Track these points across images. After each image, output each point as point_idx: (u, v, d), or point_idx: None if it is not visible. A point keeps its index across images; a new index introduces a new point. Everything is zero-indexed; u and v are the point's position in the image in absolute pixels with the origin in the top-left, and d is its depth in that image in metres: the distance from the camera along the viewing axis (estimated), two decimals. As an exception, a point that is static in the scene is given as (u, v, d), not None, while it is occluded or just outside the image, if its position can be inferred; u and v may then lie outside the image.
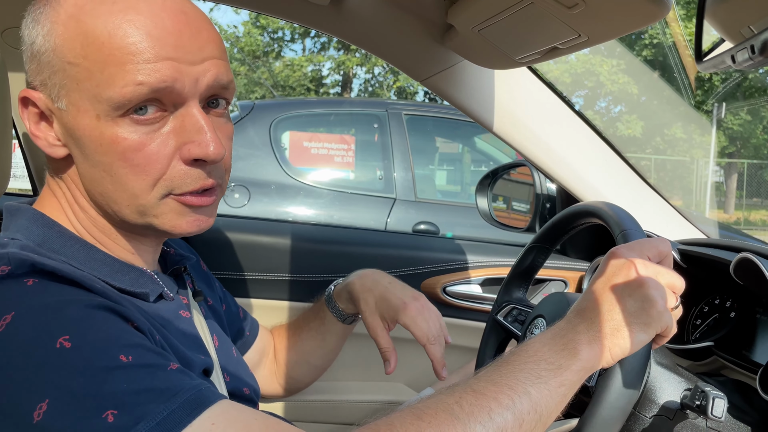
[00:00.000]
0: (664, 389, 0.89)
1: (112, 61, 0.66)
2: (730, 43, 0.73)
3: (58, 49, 0.68)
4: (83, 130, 0.68)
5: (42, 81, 0.70)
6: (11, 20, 1.25)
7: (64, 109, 0.69)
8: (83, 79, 0.67)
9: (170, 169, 0.70)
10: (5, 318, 0.59)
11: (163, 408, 0.58)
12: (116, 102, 0.66)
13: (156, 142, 0.69)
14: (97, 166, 0.70)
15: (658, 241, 0.78)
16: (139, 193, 0.70)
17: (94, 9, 0.67)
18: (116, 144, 0.68)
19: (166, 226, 0.73)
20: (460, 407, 0.63)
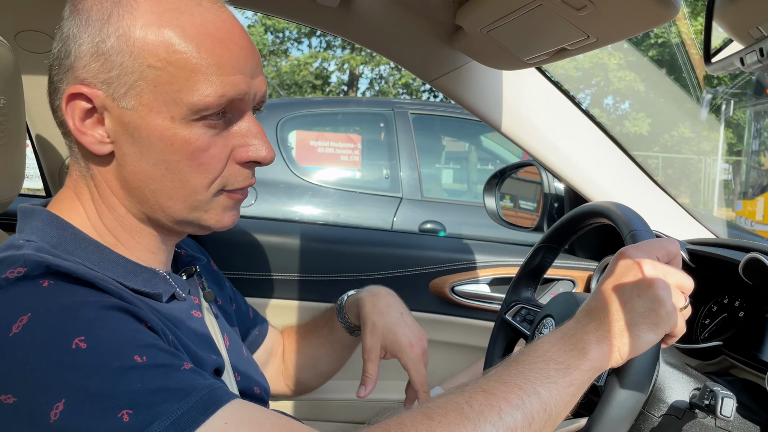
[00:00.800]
0: (673, 389, 0.90)
1: (198, 71, 0.70)
2: (739, 44, 0.73)
3: (138, 52, 0.69)
4: (152, 130, 0.71)
5: (106, 79, 0.70)
6: (25, 24, 1.27)
7: (129, 108, 0.71)
8: (164, 83, 0.70)
9: (226, 169, 0.75)
10: (21, 319, 0.60)
11: (177, 407, 0.59)
12: (197, 108, 0.70)
13: (218, 143, 0.74)
14: (159, 164, 0.72)
15: (666, 242, 0.78)
16: (199, 189, 0.74)
17: (175, 18, 0.70)
18: (188, 144, 0.72)
19: (212, 221, 0.78)
20: (470, 407, 0.64)
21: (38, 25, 1.26)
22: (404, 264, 1.56)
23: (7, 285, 0.64)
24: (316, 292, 1.52)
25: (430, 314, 1.55)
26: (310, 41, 16.84)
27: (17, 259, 0.67)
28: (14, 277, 0.64)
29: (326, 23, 1.26)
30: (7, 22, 1.24)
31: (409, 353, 1.03)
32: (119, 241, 0.77)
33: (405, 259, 1.56)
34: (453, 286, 1.53)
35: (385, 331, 1.04)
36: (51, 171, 1.53)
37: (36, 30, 1.26)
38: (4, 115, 0.91)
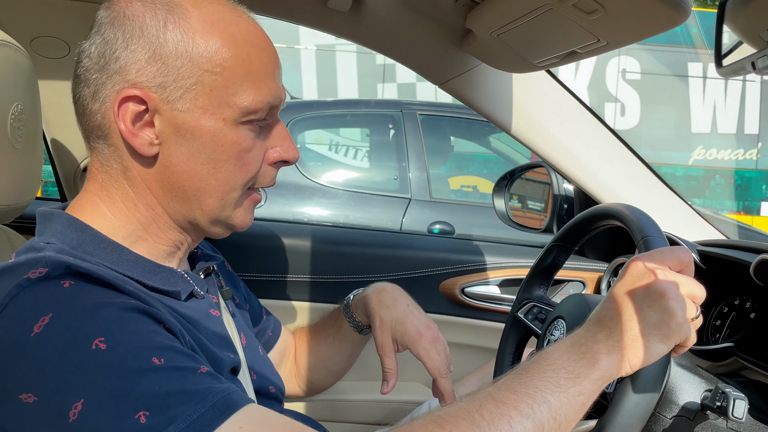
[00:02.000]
0: (684, 390, 0.90)
1: (249, 78, 0.76)
2: (750, 47, 0.73)
3: (196, 58, 0.73)
4: (205, 131, 0.75)
5: (162, 83, 0.73)
6: (41, 29, 1.28)
7: (183, 110, 0.74)
8: (219, 86, 0.74)
9: (261, 168, 0.81)
10: (43, 319, 0.61)
11: (193, 411, 0.60)
12: (248, 111, 0.76)
13: (258, 145, 0.79)
14: (207, 162, 0.76)
15: (679, 250, 0.77)
16: (238, 186, 0.79)
17: (227, 28, 0.75)
18: (236, 145, 0.77)
19: (237, 220, 0.82)
20: (480, 415, 0.65)
21: (54, 31, 1.27)
22: (414, 265, 1.56)
23: (29, 285, 0.65)
24: (326, 293, 1.53)
25: (441, 315, 1.55)
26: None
27: (39, 260, 0.68)
28: (36, 277, 0.65)
29: (337, 27, 1.27)
30: (23, 28, 1.26)
31: (418, 341, 1.03)
32: (149, 236, 0.79)
33: (414, 261, 1.57)
34: (463, 287, 1.53)
35: (394, 324, 1.05)
36: (66, 175, 1.55)
37: (51, 36, 1.27)
38: (22, 120, 0.93)
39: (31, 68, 0.96)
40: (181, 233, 0.82)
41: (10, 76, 0.89)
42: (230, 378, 0.79)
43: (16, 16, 1.26)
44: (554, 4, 0.85)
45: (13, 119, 0.90)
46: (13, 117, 0.90)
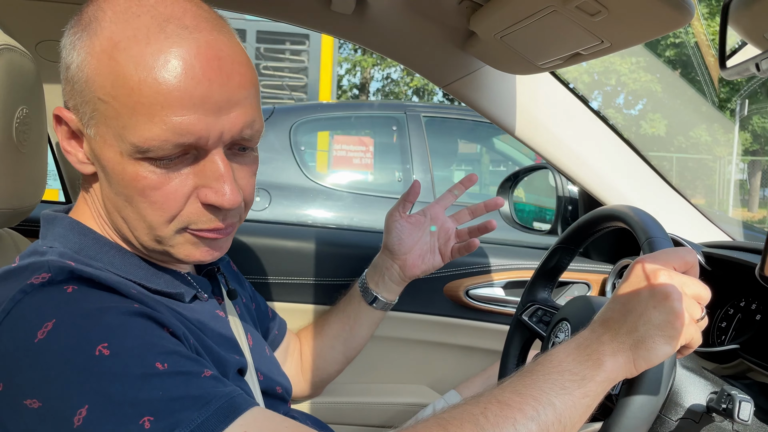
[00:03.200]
0: (689, 392, 0.89)
1: (140, 110, 0.66)
2: (755, 48, 0.73)
3: (90, 82, 0.68)
4: (107, 161, 0.70)
5: (74, 105, 0.72)
6: (45, 33, 1.29)
7: (92, 137, 0.71)
8: (111, 117, 0.68)
9: (187, 207, 0.71)
10: (47, 325, 0.62)
11: (197, 415, 0.60)
12: (139, 148, 0.67)
13: (175, 182, 0.70)
14: (119, 194, 0.72)
15: (684, 251, 0.77)
16: (157, 226, 0.72)
17: (127, 48, 0.66)
18: (136, 181, 0.69)
19: (181, 255, 0.75)
20: (485, 418, 0.65)
21: (58, 34, 1.26)
22: (418, 267, 1.56)
23: (32, 290, 0.65)
24: (330, 295, 1.52)
25: (445, 317, 1.55)
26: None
27: (42, 265, 0.68)
28: (39, 282, 0.66)
29: (341, 30, 1.27)
30: (28, 32, 1.26)
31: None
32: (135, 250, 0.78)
33: None
34: (467, 289, 1.53)
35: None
36: (71, 178, 1.55)
37: (56, 39, 1.27)
38: (27, 124, 0.93)
39: (36, 72, 0.96)
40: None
41: (16, 79, 0.89)
42: (237, 379, 0.79)
43: (21, 20, 1.27)
44: (557, 6, 0.85)
45: (19, 123, 0.90)
46: (19, 121, 0.90)
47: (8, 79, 0.87)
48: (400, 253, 1.18)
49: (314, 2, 1.18)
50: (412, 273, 1.19)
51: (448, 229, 1.21)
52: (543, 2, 0.86)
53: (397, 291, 1.21)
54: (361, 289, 1.21)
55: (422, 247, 1.19)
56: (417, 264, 1.18)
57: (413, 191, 1.19)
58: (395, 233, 1.17)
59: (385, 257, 1.19)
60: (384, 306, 1.20)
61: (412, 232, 1.18)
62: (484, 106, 1.33)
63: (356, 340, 1.22)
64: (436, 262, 1.20)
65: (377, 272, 1.20)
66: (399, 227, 1.17)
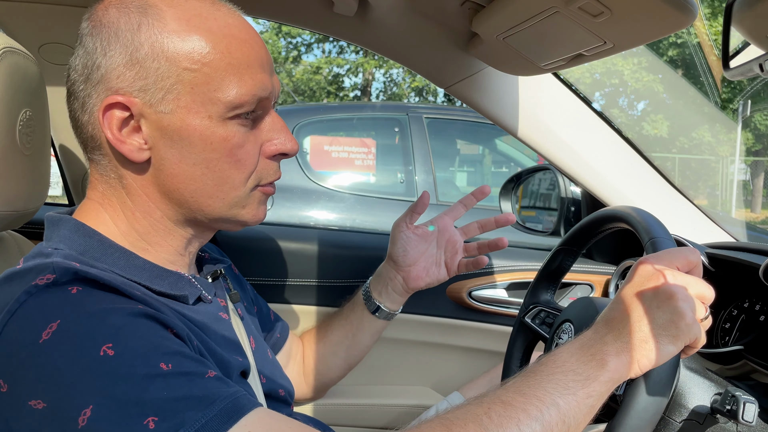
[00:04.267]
0: (693, 393, 0.89)
1: (230, 71, 0.73)
2: (758, 48, 0.73)
3: (172, 57, 0.72)
4: (192, 130, 0.73)
5: (142, 86, 0.72)
6: (48, 36, 1.29)
7: (167, 112, 0.73)
8: (200, 83, 0.73)
9: (259, 163, 0.79)
10: (51, 326, 0.62)
11: (201, 416, 0.60)
12: (233, 105, 0.74)
13: (251, 140, 0.78)
14: (199, 163, 0.75)
15: (687, 251, 0.77)
16: (238, 184, 0.78)
17: (202, 23, 0.73)
18: (226, 141, 0.75)
19: (249, 216, 0.81)
20: (489, 418, 0.64)
21: (61, 37, 1.28)
22: (421, 269, 1.56)
23: (37, 292, 0.65)
24: (333, 297, 1.53)
25: (448, 319, 1.55)
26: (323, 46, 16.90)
27: (46, 266, 0.68)
28: (44, 283, 0.66)
29: (343, 32, 1.28)
30: (31, 35, 1.27)
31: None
32: (150, 245, 0.79)
33: None
34: (470, 290, 1.53)
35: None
36: (74, 180, 1.56)
37: (59, 42, 1.28)
38: (30, 126, 0.93)
39: (40, 75, 0.97)
40: (185, 236, 0.81)
41: (19, 82, 0.89)
42: (240, 381, 0.79)
43: (24, 23, 1.27)
44: (560, 7, 0.85)
45: (22, 125, 0.91)
46: (22, 123, 0.90)
47: (11, 81, 0.87)
48: (404, 265, 1.16)
49: (316, 4, 1.19)
50: (415, 285, 1.17)
51: (455, 243, 1.18)
52: (545, 3, 0.86)
53: (400, 302, 1.20)
54: (364, 297, 1.19)
55: (427, 260, 1.17)
56: (421, 276, 1.16)
57: (421, 202, 1.16)
58: (400, 244, 1.15)
59: (389, 267, 1.18)
60: (387, 316, 1.19)
61: (418, 244, 1.16)
62: (486, 108, 1.33)
63: (358, 348, 1.21)
64: (441, 276, 1.18)
65: (381, 282, 1.18)
66: (404, 238, 1.15)
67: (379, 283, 1.18)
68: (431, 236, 1.17)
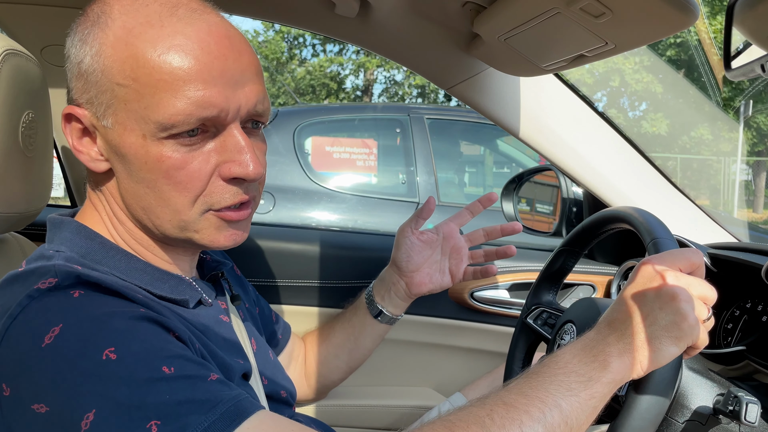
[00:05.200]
0: (696, 394, 0.89)
1: (162, 87, 0.68)
2: (760, 49, 0.73)
3: (107, 70, 0.69)
4: (128, 148, 0.71)
5: (88, 99, 0.72)
6: (50, 38, 1.29)
7: (109, 127, 0.71)
8: (132, 100, 0.69)
9: (210, 186, 0.73)
10: (54, 330, 0.62)
11: (204, 419, 0.60)
12: (164, 125, 0.69)
13: (198, 160, 0.71)
14: (140, 182, 0.72)
15: (689, 252, 0.77)
16: (181, 208, 0.73)
17: (143, 33, 0.69)
18: (161, 162, 0.70)
19: (205, 241, 0.76)
20: (491, 420, 0.65)
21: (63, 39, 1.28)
22: (423, 270, 1.56)
23: (39, 295, 0.65)
24: (335, 298, 1.53)
25: (450, 320, 1.55)
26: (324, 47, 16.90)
27: (48, 269, 0.68)
28: (46, 287, 0.66)
29: (345, 33, 1.28)
30: (33, 37, 1.27)
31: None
32: (146, 249, 0.79)
33: None
34: (472, 291, 1.53)
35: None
36: (76, 182, 1.56)
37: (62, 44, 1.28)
38: (33, 128, 0.93)
39: (42, 77, 0.97)
40: (164, 245, 0.79)
41: (22, 84, 0.89)
42: (242, 383, 0.79)
43: (27, 25, 1.27)
44: (562, 8, 0.85)
45: (25, 127, 0.91)
46: (25, 125, 0.91)
47: (14, 83, 0.87)
48: (408, 270, 1.15)
49: (318, 5, 1.19)
50: (418, 291, 1.16)
51: (460, 249, 1.18)
52: (547, 4, 0.86)
53: (403, 306, 1.19)
54: (367, 301, 1.19)
55: (431, 266, 1.16)
56: (424, 282, 1.16)
57: (427, 208, 1.16)
58: (404, 250, 1.15)
59: (392, 272, 1.17)
60: (389, 320, 1.19)
61: (422, 250, 1.16)
62: (487, 108, 1.33)
63: (360, 351, 1.21)
64: (444, 283, 1.17)
65: (383, 286, 1.18)
66: (409, 244, 1.15)
67: (382, 287, 1.18)
68: (436, 242, 1.16)
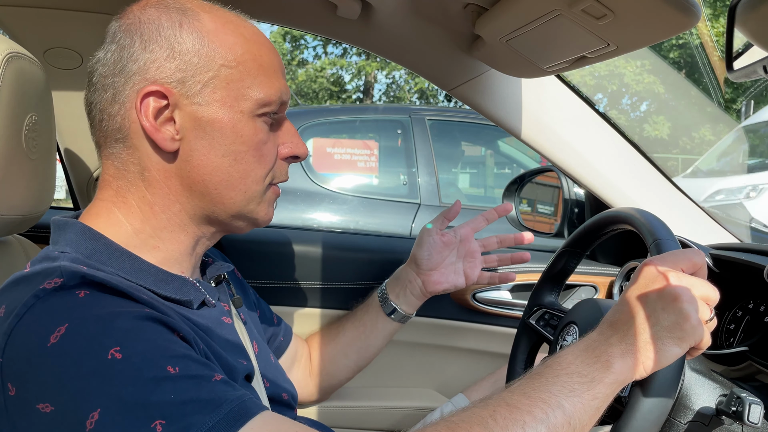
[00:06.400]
0: (698, 395, 0.89)
1: (262, 72, 0.80)
2: (762, 50, 0.73)
3: (212, 54, 0.77)
4: (225, 122, 0.78)
5: (181, 78, 0.76)
6: (53, 41, 1.30)
7: (202, 104, 0.77)
8: (235, 80, 0.78)
9: (275, 163, 0.84)
10: (59, 329, 0.62)
11: (208, 419, 0.60)
12: (262, 102, 0.79)
13: (271, 140, 0.83)
14: (228, 155, 0.78)
15: (691, 252, 0.77)
16: (259, 179, 0.82)
17: (236, 28, 0.80)
18: (255, 135, 0.80)
19: (262, 213, 0.85)
20: (494, 421, 0.65)
21: (66, 42, 1.29)
22: (425, 271, 1.56)
23: (45, 295, 0.66)
24: (336, 299, 1.53)
25: (452, 321, 1.55)
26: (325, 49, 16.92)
27: (54, 270, 0.69)
28: (51, 287, 0.66)
29: (346, 35, 1.28)
30: (36, 40, 1.27)
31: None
32: (161, 242, 0.79)
33: None
34: (474, 292, 1.53)
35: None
36: (79, 184, 1.56)
37: (64, 47, 1.29)
38: (36, 131, 0.94)
39: (45, 79, 0.97)
40: (197, 234, 0.82)
41: (25, 87, 0.90)
42: (244, 385, 0.80)
43: (30, 28, 1.28)
44: (563, 9, 0.85)
45: (28, 130, 0.91)
46: (28, 128, 0.91)
47: (17, 86, 0.88)
48: (426, 269, 1.20)
49: (320, 7, 1.19)
50: (433, 289, 1.21)
51: (474, 252, 1.24)
52: (548, 6, 0.86)
53: (416, 305, 1.24)
54: (380, 299, 1.23)
55: (447, 267, 1.22)
56: (440, 282, 1.21)
57: (454, 210, 1.22)
58: (426, 248, 1.20)
59: (409, 270, 1.22)
60: (402, 318, 1.23)
61: (442, 250, 1.21)
62: (489, 110, 1.33)
63: (370, 350, 1.24)
64: (458, 283, 1.23)
65: (399, 284, 1.22)
66: (431, 243, 1.20)
67: (397, 285, 1.22)
68: (454, 244, 1.22)
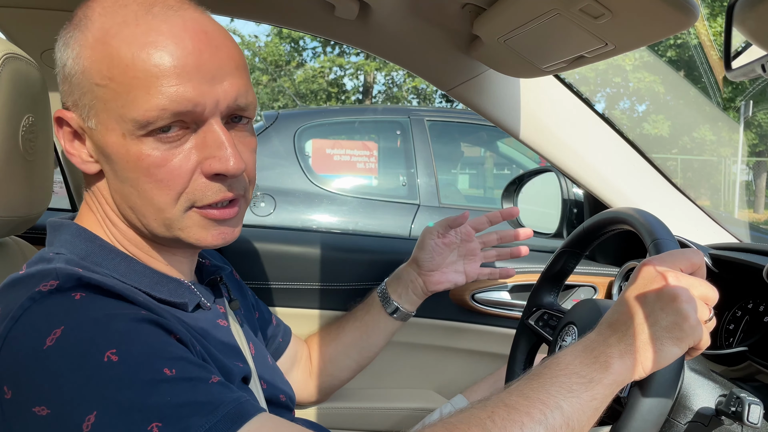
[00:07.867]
0: (698, 395, 0.89)
1: (136, 84, 0.68)
2: (760, 49, 0.73)
3: (87, 72, 0.71)
4: (111, 147, 0.72)
5: (74, 102, 0.73)
6: (50, 42, 1.29)
7: (93, 128, 0.72)
8: (110, 99, 0.70)
9: (192, 183, 0.73)
10: (55, 332, 0.62)
11: (205, 421, 0.60)
12: (140, 123, 0.69)
13: (178, 157, 0.71)
14: (125, 181, 0.73)
15: (690, 252, 0.77)
16: (164, 206, 0.73)
17: (118, 32, 0.69)
18: (141, 160, 0.71)
19: (192, 239, 0.76)
20: (492, 422, 0.65)
21: (63, 43, 1.29)
22: (424, 272, 1.55)
23: (41, 298, 0.65)
24: (336, 300, 1.53)
25: (451, 322, 1.55)
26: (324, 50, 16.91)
27: (49, 272, 0.69)
28: (47, 290, 0.66)
29: (344, 35, 1.28)
30: (33, 41, 1.27)
31: None
32: (142, 252, 0.79)
33: None
34: (473, 293, 1.52)
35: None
36: (77, 187, 1.56)
37: (61, 48, 1.29)
38: (33, 132, 0.93)
39: (42, 81, 0.97)
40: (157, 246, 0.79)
41: (22, 88, 0.89)
42: (241, 387, 0.79)
43: (27, 29, 1.27)
44: (561, 9, 0.85)
45: (25, 131, 0.91)
46: (25, 129, 0.91)
47: (14, 87, 0.87)
48: (428, 269, 1.22)
49: (318, 8, 1.19)
50: (435, 288, 1.23)
51: (474, 250, 1.26)
52: (546, 5, 0.86)
53: (417, 303, 1.25)
54: (381, 298, 1.23)
55: (448, 266, 1.24)
56: (441, 281, 1.23)
57: (459, 219, 1.23)
58: (428, 250, 1.22)
59: (411, 270, 1.23)
60: (403, 317, 1.24)
61: (443, 251, 1.23)
62: (488, 110, 1.33)
63: (371, 349, 1.24)
64: (459, 281, 1.25)
65: (401, 284, 1.23)
66: (433, 245, 1.22)
67: (399, 285, 1.23)
68: (455, 245, 1.24)
